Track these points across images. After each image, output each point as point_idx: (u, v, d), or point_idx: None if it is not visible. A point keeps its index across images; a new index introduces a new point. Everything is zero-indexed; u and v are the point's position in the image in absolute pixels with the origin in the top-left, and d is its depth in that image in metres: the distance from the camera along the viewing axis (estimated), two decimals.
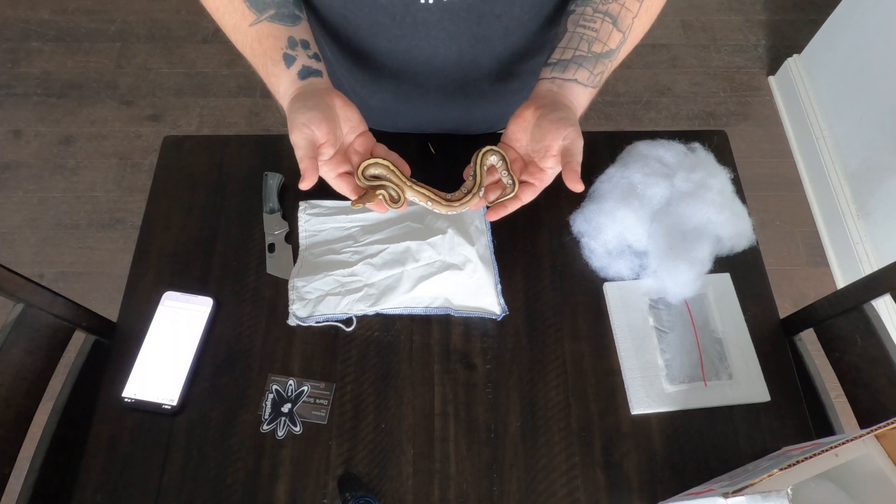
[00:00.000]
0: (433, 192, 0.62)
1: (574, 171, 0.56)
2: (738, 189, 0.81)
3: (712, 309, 0.76)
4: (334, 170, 0.60)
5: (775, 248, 1.71)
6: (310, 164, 0.55)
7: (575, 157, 0.57)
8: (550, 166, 0.61)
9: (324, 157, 0.59)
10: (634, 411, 0.70)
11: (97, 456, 0.66)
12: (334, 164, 0.60)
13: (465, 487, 0.66)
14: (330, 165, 0.59)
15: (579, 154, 0.58)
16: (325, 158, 0.59)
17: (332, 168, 0.59)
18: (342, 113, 0.60)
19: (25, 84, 1.92)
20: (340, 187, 0.60)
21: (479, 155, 0.63)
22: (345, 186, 0.60)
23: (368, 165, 0.61)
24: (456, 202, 0.61)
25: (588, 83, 0.63)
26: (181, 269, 0.77)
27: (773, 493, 0.47)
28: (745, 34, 2.11)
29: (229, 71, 1.97)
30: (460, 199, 0.61)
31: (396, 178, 0.61)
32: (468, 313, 0.74)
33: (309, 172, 0.55)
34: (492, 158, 0.63)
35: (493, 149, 0.63)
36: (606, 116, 1.93)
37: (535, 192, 0.62)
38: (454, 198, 0.62)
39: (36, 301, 0.69)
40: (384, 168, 0.61)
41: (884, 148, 1.54)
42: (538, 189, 0.62)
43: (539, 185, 0.62)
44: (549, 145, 0.59)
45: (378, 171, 0.61)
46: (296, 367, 0.71)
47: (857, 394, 0.72)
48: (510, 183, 0.62)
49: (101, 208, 1.73)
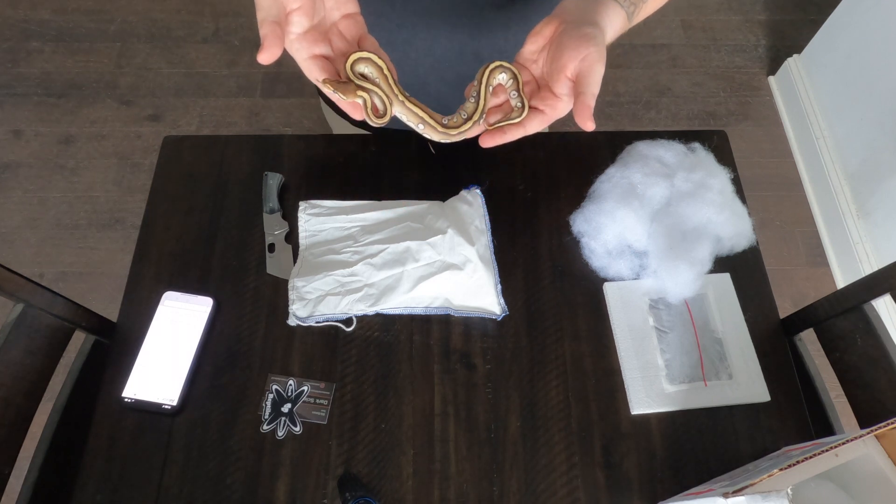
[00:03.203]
0: (427, 113, 0.52)
1: (586, 106, 0.47)
2: (738, 189, 0.81)
3: (712, 309, 0.76)
4: (307, 48, 0.48)
5: (775, 248, 1.71)
6: (272, 30, 0.44)
7: (590, 87, 0.48)
8: (566, 93, 0.51)
9: (295, 29, 0.47)
10: (634, 411, 0.70)
11: (97, 456, 0.66)
12: (309, 41, 0.48)
13: (465, 487, 0.66)
14: (303, 42, 0.48)
15: (596, 84, 0.48)
16: (297, 30, 0.47)
17: (304, 46, 0.48)
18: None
19: (25, 84, 1.92)
20: (311, 71, 0.49)
21: (486, 71, 0.52)
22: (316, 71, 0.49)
23: (359, 60, 0.49)
24: (453, 129, 0.52)
25: (624, 4, 0.54)
26: (181, 269, 0.77)
27: (773, 493, 0.47)
28: (745, 34, 2.11)
29: (229, 71, 1.97)
30: (458, 125, 0.52)
31: (386, 86, 0.50)
32: (468, 313, 0.74)
33: (270, 40, 0.44)
34: (500, 76, 0.53)
35: (504, 65, 0.53)
36: (606, 116, 1.93)
37: (544, 123, 0.52)
38: (451, 123, 0.53)
39: (36, 301, 0.69)
40: (376, 68, 0.50)
41: (884, 148, 1.54)
42: (547, 119, 0.52)
43: (549, 114, 0.52)
44: (564, 65, 0.50)
45: (369, 69, 0.50)
46: (296, 367, 0.71)
47: (857, 394, 0.72)
48: (518, 106, 0.52)
49: (101, 208, 1.73)
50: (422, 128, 0.52)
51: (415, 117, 0.52)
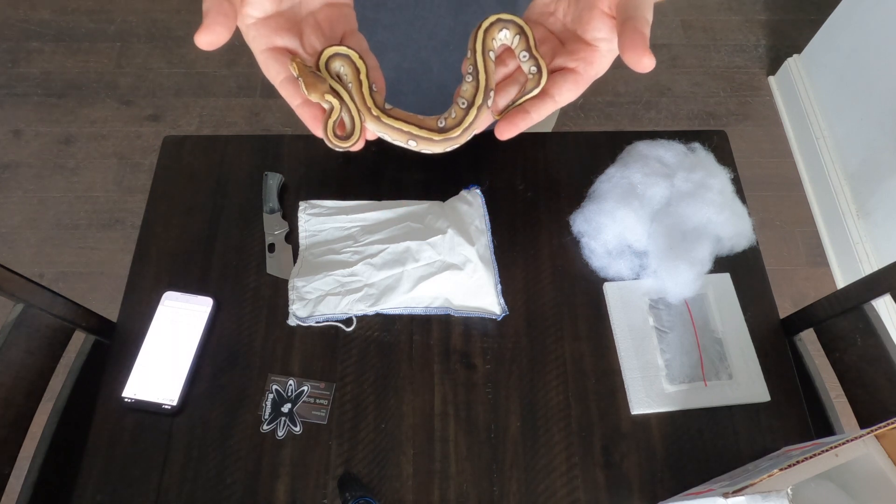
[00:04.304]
0: (416, 123, 0.39)
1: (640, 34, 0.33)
2: (738, 189, 0.81)
3: (712, 309, 0.76)
4: (266, 37, 0.37)
5: (775, 248, 1.71)
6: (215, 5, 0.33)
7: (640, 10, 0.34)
8: (603, 36, 0.37)
9: (253, 12, 0.37)
10: (634, 411, 0.70)
11: (97, 456, 0.66)
12: (270, 28, 0.37)
13: (465, 487, 0.66)
14: (261, 29, 0.37)
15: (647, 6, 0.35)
16: (256, 13, 0.37)
17: (263, 33, 0.37)
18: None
19: (25, 84, 1.92)
20: (268, 67, 0.37)
21: (479, 33, 0.39)
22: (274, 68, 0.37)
23: (335, 56, 0.39)
24: (454, 130, 0.39)
25: None
26: (181, 269, 0.77)
27: (773, 493, 0.47)
28: (745, 34, 2.11)
29: (229, 71, 1.97)
30: (459, 122, 0.39)
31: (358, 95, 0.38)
32: (468, 313, 0.74)
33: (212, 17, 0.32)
34: (501, 35, 0.39)
35: (503, 17, 0.39)
36: (606, 116, 1.93)
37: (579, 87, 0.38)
38: (451, 122, 0.39)
39: (36, 301, 0.69)
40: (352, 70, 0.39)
41: (884, 148, 1.54)
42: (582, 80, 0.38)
43: (584, 73, 0.38)
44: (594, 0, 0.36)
45: (345, 69, 0.39)
46: (296, 367, 0.71)
47: (857, 394, 0.72)
48: (533, 71, 0.38)
49: (101, 208, 1.73)
50: (414, 144, 0.39)
51: (400, 134, 0.38)
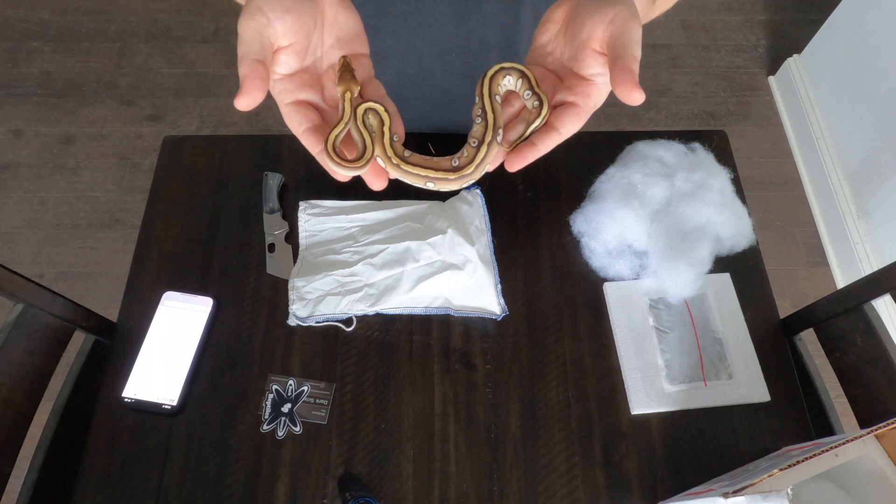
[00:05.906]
0: (431, 167, 0.43)
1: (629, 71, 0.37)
2: (738, 189, 0.81)
3: (712, 309, 0.76)
4: (291, 92, 0.41)
5: (775, 248, 1.71)
6: (252, 70, 0.36)
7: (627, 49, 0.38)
8: (597, 71, 0.41)
9: (280, 69, 0.40)
10: (634, 411, 0.70)
11: (97, 456, 0.66)
12: (295, 83, 0.41)
13: (465, 487, 0.66)
14: (287, 84, 0.41)
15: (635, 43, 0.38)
16: (282, 71, 0.40)
17: (288, 89, 0.41)
18: (331, 13, 0.42)
19: (25, 84, 1.92)
20: (291, 119, 0.41)
21: (485, 81, 0.43)
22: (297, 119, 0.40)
23: (370, 111, 0.43)
24: (467, 167, 0.43)
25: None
26: (181, 269, 0.77)
27: (773, 493, 0.47)
28: (745, 34, 2.11)
29: (229, 71, 1.97)
30: (471, 159, 0.43)
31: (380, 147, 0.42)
32: (468, 313, 0.74)
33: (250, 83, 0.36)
34: (505, 80, 0.43)
35: (505, 66, 0.43)
36: (606, 116, 1.93)
37: (580, 118, 0.42)
38: (463, 162, 0.43)
39: (36, 301, 0.69)
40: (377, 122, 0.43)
41: (884, 148, 1.54)
42: (583, 112, 0.41)
43: (584, 105, 0.41)
44: (588, 36, 0.40)
45: (371, 121, 0.43)
46: (296, 367, 0.71)
47: (857, 394, 0.72)
48: (536, 105, 0.42)
49: (101, 208, 1.73)
50: (432, 185, 0.43)
51: (419, 178, 0.43)
